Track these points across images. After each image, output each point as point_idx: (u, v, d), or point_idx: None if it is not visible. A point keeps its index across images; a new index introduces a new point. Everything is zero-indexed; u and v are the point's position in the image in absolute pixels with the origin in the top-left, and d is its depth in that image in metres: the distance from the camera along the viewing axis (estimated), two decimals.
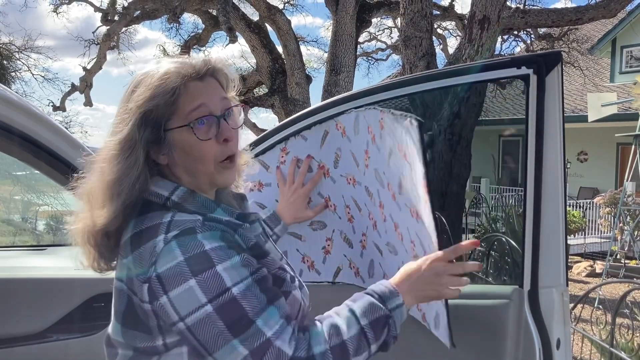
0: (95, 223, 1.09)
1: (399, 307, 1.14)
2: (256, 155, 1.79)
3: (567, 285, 1.63)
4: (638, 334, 4.06)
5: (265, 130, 1.89)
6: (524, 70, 1.51)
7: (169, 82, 1.09)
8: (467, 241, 1.23)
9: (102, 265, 1.16)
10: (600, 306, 4.41)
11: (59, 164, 2.10)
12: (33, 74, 18.25)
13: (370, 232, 1.70)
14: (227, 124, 1.13)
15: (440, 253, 1.20)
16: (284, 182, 1.77)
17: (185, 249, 1.00)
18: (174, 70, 1.10)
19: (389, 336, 1.13)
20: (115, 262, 1.16)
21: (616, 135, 8.56)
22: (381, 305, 1.12)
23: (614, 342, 3.72)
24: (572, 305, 4.10)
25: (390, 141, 1.44)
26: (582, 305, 4.19)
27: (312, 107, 1.80)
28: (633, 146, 7.46)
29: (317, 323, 1.10)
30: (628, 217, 8.33)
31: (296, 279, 1.20)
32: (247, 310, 1.00)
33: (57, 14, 14.30)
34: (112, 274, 1.24)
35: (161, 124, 1.10)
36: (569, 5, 10.75)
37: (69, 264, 2.85)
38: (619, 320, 3.84)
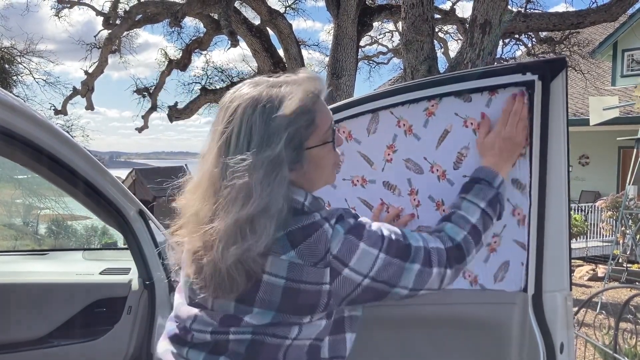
0: (253, 249, 1.13)
1: (502, 183, 1.43)
2: None
3: (571, 289, 1.63)
4: None
5: None
6: (529, 76, 1.51)
7: (310, 104, 1.22)
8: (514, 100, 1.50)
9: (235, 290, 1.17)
10: (603, 311, 4.40)
11: (61, 169, 2.10)
12: (35, 78, 18.28)
13: None
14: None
15: (500, 122, 1.49)
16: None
17: (345, 227, 1.19)
18: (311, 91, 1.23)
19: (502, 207, 1.42)
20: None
21: (618, 138, 8.56)
22: (490, 187, 1.40)
23: (617, 347, 3.71)
24: (575, 309, 4.09)
25: (446, 123, 1.63)
26: (584, 309, 4.18)
27: None
28: (635, 149, 7.45)
29: (445, 221, 1.37)
30: (630, 221, 8.32)
31: None
32: (400, 241, 1.24)
33: (58, 17, 14.35)
34: (115, 279, 1.25)
35: (302, 143, 1.21)
36: (571, 9, 10.75)
37: (70, 268, 2.86)
38: (622, 325, 3.83)
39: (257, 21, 10.71)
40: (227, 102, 1.23)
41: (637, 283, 8.48)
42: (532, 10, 11.12)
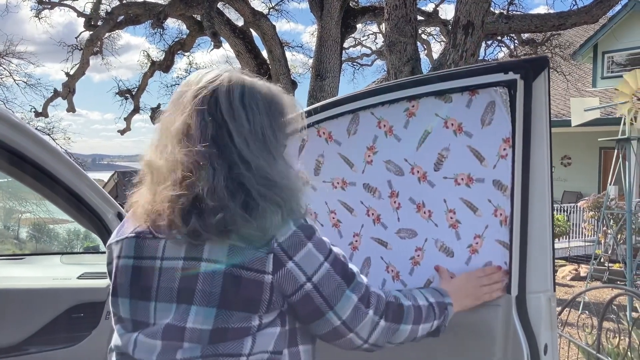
0: None
1: (451, 305, 1.40)
2: None
3: (555, 290, 1.62)
4: (623, 337, 4.08)
5: None
6: (511, 76, 1.50)
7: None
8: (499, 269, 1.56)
9: None
10: (586, 311, 4.43)
11: (36, 172, 2.06)
12: (15, 80, 18.03)
13: (368, 229, 1.73)
14: None
15: (477, 272, 1.54)
16: None
17: (295, 222, 1.14)
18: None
19: (443, 323, 1.38)
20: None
21: (599, 139, 8.63)
22: (442, 297, 1.40)
23: (600, 346, 3.73)
24: (558, 309, 4.11)
25: (426, 124, 1.61)
26: (568, 309, 4.21)
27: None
28: (615, 150, 7.53)
29: (395, 290, 1.34)
30: (611, 221, 8.42)
31: None
32: (346, 265, 1.20)
33: (39, 19, 14.16)
34: (92, 284, 1.23)
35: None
36: (552, 11, 10.86)
37: (47, 273, 2.80)
38: (604, 324, 3.85)
39: (240, 22, 10.67)
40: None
41: (618, 282, 8.57)
42: (514, 12, 11.21)
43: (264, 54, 10.38)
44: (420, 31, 14.35)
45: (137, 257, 1.19)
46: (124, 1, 11.63)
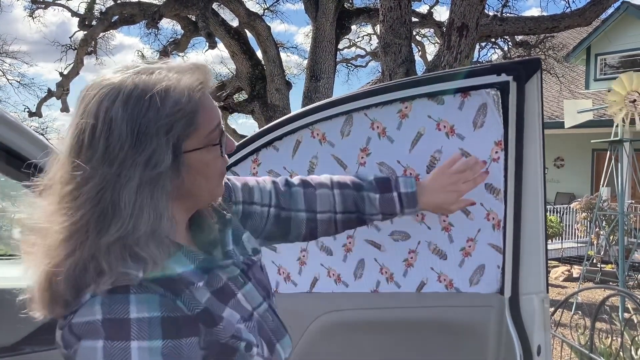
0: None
1: (409, 194, 1.32)
2: (228, 167, 1.79)
3: (548, 291, 1.64)
4: (615, 337, 4.11)
5: (246, 136, 1.89)
6: (503, 77, 1.51)
7: (190, 97, 0.93)
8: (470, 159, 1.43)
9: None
10: (579, 311, 4.46)
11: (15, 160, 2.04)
12: (8, 80, 17.97)
13: (361, 231, 1.73)
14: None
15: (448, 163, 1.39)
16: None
17: (109, 308, 0.85)
18: (192, 81, 0.94)
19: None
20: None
21: (592, 141, 8.67)
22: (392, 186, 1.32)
23: (593, 347, 3.76)
24: (551, 310, 4.13)
25: (419, 125, 1.61)
26: (560, 310, 4.23)
27: (284, 117, 1.81)
28: (608, 152, 7.57)
29: None
30: (604, 222, 8.46)
31: (254, 347, 0.99)
32: None
33: (32, 18, 14.11)
34: None
35: (179, 146, 0.92)
36: (545, 13, 10.94)
37: None
38: (597, 325, 3.88)
39: (235, 23, 10.67)
40: (85, 89, 0.93)
41: (610, 283, 8.62)
42: (507, 14, 11.26)
43: (259, 54, 10.38)
44: (414, 33, 14.38)
45: None
46: (119, 1, 11.60)
